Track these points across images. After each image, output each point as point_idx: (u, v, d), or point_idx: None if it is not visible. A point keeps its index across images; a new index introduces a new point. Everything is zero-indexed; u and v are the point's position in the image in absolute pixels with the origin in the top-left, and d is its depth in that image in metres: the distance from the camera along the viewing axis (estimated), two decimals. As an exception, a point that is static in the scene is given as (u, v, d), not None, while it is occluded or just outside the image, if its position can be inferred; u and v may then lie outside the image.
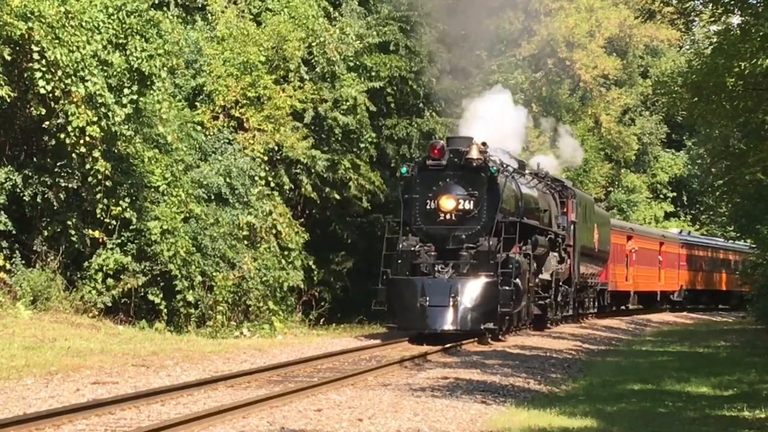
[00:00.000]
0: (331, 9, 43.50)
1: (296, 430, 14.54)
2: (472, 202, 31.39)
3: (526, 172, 39.53)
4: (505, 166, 33.75)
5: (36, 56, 26.01)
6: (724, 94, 23.98)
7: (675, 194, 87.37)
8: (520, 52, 74.80)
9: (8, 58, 25.82)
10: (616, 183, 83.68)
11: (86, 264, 27.92)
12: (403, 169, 33.50)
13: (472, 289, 30.06)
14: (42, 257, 28.18)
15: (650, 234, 64.21)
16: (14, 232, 27.40)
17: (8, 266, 26.69)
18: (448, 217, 31.51)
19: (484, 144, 32.60)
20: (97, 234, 27.01)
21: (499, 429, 15.42)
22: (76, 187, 27.97)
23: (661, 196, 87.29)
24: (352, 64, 40.74)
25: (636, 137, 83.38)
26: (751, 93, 22.97)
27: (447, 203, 31.11)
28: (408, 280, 30.61)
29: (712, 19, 25.81)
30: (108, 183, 26.80)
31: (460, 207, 31.17)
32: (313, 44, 39.14)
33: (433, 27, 47.55)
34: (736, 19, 24.51)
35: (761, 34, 21.77)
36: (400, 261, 31.25)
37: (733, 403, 18.78)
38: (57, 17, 25.97)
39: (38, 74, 26.27)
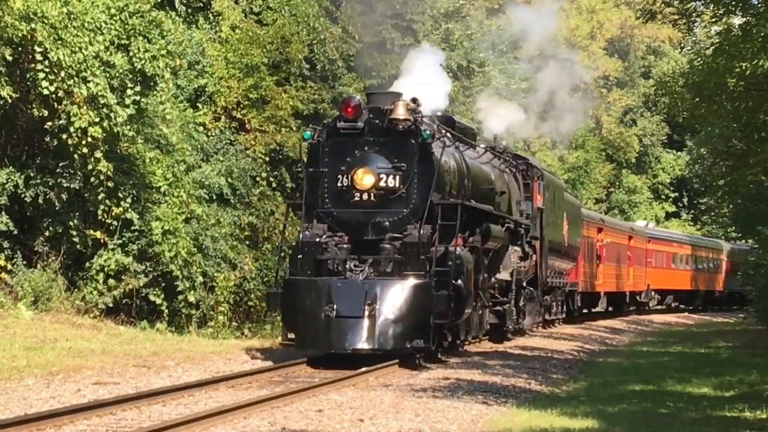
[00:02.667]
0: (333, 8, 43.14)
1: (297, 431, 14.45)
2: (398, 178, 22.81)
3: (479, 144, 31.33)
4: (443, 132, 25.13)
5: (39, 57, 26.11)
6: (725, 95, 24.12)
7: (676, 194, 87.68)
8: (521, 54, 74.19)
9: (10, 58, 25.74)
10: (617, 184, 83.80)
11: (87, 264, 28.05)
12: (306, 134, 24.68)
13: (395, 295, 21.78)
14: (43, 258, 28.42)
15: (620, 227, 58.12)
16: (15, 232, 27.52)
17: (9, 267, 26.89)
18: (365, 197, 22.83)
19: (414, 101, 23.83)
20: (98, 234, 27.05)
21: (501, 429, 15.44)
22: (77, 187, 28.09)
23: (663, 196, 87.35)
24: (352, 63, 40.15)
25: (637, 138, 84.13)
26: (752, 93, 23.05)
27: (364, 179, 22.44)
28: (309, 282, 22.41)
29: (713, 19, 25.96)
30: (110, 184, 26.92)
31: (382, 184, 22.59)
32: (314, 42, 38.92)
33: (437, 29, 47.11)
34: (737, 20, 24.51)
35: (762, 34, 21.89)
36: (300, 256, 23.16)
37: (735, 404, 18.84)
38: (59, 18, 26.05)
39: (41, 75, 26.36)
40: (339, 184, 22.84)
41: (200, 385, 19.56)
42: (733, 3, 23.88)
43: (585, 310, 48.78)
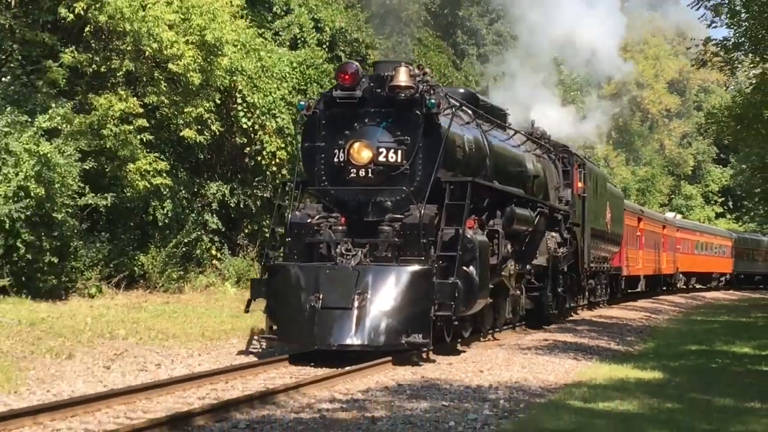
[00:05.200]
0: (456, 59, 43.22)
1: (434, 378, 14.43)
2: (400, 153, 16.76)
3: (512, 127, 23.94)
4: (452, 102, 18.71)
5: (239, 100, 27.10)
6: (761, 123, 23.73)
7: (723, 199, 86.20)
8: (602, 93, 74.98)
9: (218, 101, 26.14)
10: (677, 192, 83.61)
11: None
12: (300, 104, 18.56)
13: (389, 283, 15.57)
14: (243, 248, 29.55)
15: (655, 216, 50.78)
16: (223, 229, 28.20)
17: (219, 255, 27.89)
18: (362, 173, 16.77)
19: (420, 68, 18.09)
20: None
21: (588, 379, 15.25)
22: (269, 196, 28.50)
23: (712, 201, 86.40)
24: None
25: (692, 156, 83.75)
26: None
27: (361, 153, 16.58)
28: (293, 268, 16.40)
29: (752, 65, 25.37)
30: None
31: (381, 159, 16.63)
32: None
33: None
34: (771, 63, 24.06)
35: (790, 77, 21.43)
36: (289, 239, 17.37)
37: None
38: (255, 71, 26.99)
39: (241, 113, 27.40)
40: (335, 160, 16.80)
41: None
42: (767, 53, 23.40)
43: (628, 291, 42.48)
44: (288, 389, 12.88)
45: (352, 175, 16.77)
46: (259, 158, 28.97)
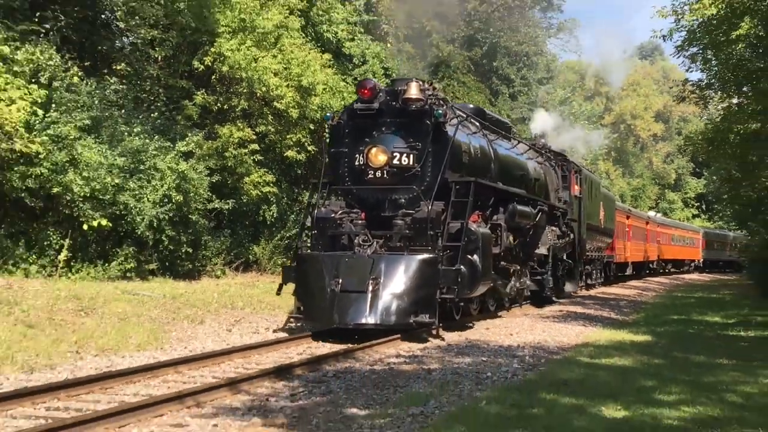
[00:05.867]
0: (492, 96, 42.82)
1: (475, 339, 14.41)
2: (412, 157, 15.59)
3: (516, 137, 22.45)
4: (457, 113, 16.96)
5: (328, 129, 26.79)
6: (727, 145, 23.41)
7: (698, 204, 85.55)
8: (605, 121, 75.67)
9: (312, 129, 26.24)
10: (662, 198, 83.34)
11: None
12: (327, 116, 17.58)
13: (400, 270, 14.29)
14: None
15: (640, 215, 48.36)
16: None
17: None
18: (378, 174, 15.66)
19: (431, 84, 16.79)
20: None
21: (593, 340, 15.21)
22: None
23: (690, 205, 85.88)
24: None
25: (674, 170, 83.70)
26: (744, 143, 22.32)
27: (378, 157, 15.53)
28: (318, 256, 15.13)
29: (720, 100, 25.14)
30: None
31: (395, 162, 15.51)
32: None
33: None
34: (735, 99, 23.80)
35: (750, 110, 21.22)
36: (315, 231, 16.16)
37: (734, 327, 18.43)
38: (339, 107, 26.54)
39: (329, 140, 26.72)
40: (357, 163, 15.57)
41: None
42: (732, 90, 23.15)
43: (618, 274, 41.04)
44: (364, 347, 12.84)
45: (370, 176, 15.37)
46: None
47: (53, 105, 18.51)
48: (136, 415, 8.16)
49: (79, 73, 20.25)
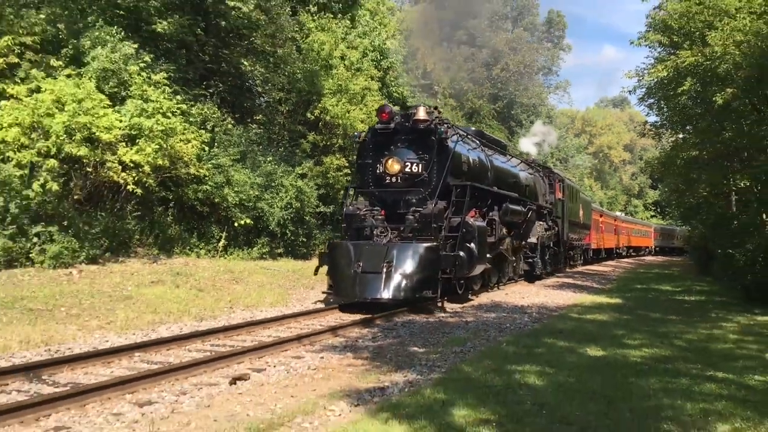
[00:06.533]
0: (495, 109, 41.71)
1: (498, 301, 14.35)
2: (421, 166, 14.24)
3: (510, 155, 20.83)
4: (457, 131, 15.50)
5: None
6: (675, 166, 22.91)
7: (654, 208, 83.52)
8: (588, 151, 74.17)
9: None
10: (629, 204, 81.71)
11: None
12: (355, 135, 16.12)
13: (409, 255, 12.95)
14: None
15: (610, 214, 45.61)
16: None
17: None
18: (394, 179, 14.29)
19: (436, 108, 15.39)
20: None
21: (581, 302, 14.98)
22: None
23: (648, 209, 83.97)
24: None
25: (637, 185, 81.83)
26: (687, 165, 21.83)
27: (393, 166, 14.23)
28: (344, 244, 13.57)
29: (670, 135, 24.76)
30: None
31: (407, 170, 14.13)
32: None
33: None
34: (681, 135, 23.34)
35: (691, 142, 20.88)
36: (344, 225, 14.72)
37: (680, 294, 17.83)
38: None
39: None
40: (378, 171, 14.10)
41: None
42: (679, 128, 22.80)
43: (594, 257, 39.18)
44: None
45: (387, 181, 13.87)
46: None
47: (215, 143, 18.91)
48: (269, 350, 8.28)
49: (232, 122, 20.66)
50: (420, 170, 13.87)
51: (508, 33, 60.50)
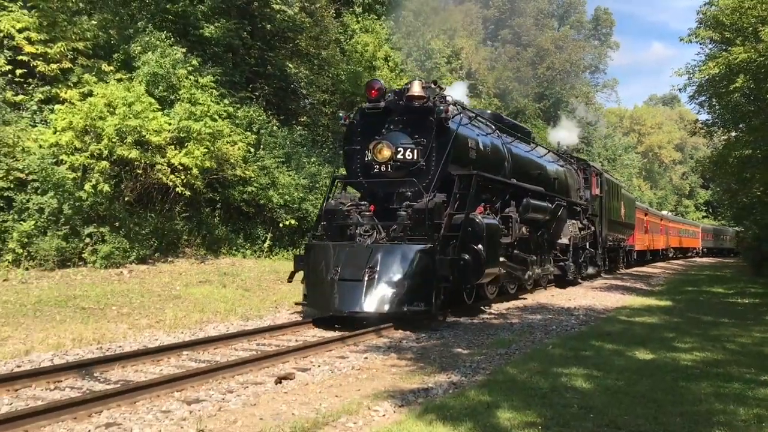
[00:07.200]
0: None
1: (544, 303, 14.14)
2: (416, 152, 11.38)
3: (535, 142, 17.51)
4: (461, 110, 12.39)
5: None
6: (727, 165, 22.42)
7: (706, 208, 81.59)
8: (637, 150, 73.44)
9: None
10: (679, 204, 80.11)
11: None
12: (340, 115, 12.93)
13: (396, 259, 10.21)
14: None
15: (656, 213, 42.55)
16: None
17: None
18: (383, 168, 11.51)
19: (435, 83, 12.48)
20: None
21: (629, 304, 14.71)
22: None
23: (701, 209, 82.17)
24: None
25: (688, 184, 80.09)
26: (740, 164, 21.35)
27: (381, 152, 11.43)
28: (322, 245, 10.95)
29: (722, 134, 24.27)
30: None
31: (399, 157, 11.36)
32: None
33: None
34: (733, 133, 22.86)
35: (744, 140, 20.40)
36: (324, 222, 11.75)
37: (733, 296, 17.46)
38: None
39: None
40: (366, 159, 11.52)
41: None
42: (731, 127, 22.36)
43: (639, 260, 35.75)
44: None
45: (376, 170, 11.49)
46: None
47: (261, 145, 19.13)
48: (314, 350, 8.31)
49: (277, 124, 20.86)
50: (416, 157, 11.40)
51: (554, 31, 59.79)
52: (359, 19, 25.96)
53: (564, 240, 17.43)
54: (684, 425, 5.41)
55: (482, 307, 12.74)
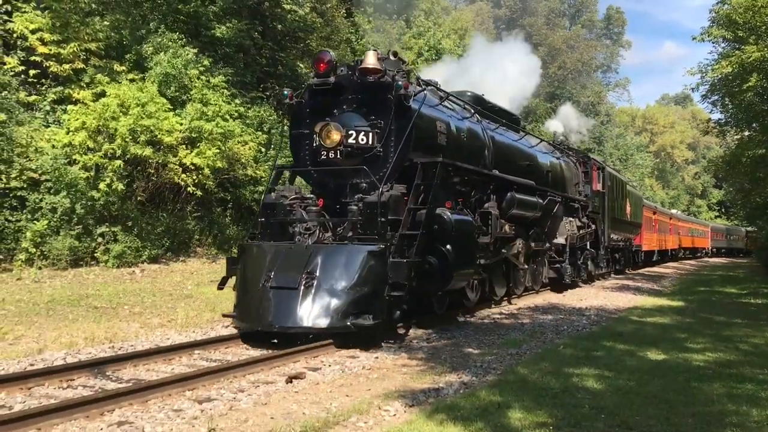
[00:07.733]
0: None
1: (556, 303, 14.16)
2: (371, 135, 9.22)
3: (527, 132, 15.84)
4: (447, 96, 10.98)
5: None
6: (740, 165, 22.36)
7: (719, 207, 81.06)
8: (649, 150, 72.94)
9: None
10: (692, 204, 79.66)
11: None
12: (284, 93, 10.09)
13: (339, 263, 8.06)
14: None
15: (664, 211, 40.19)
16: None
17: None
18: (331, 155, 9.28)
19: (395, 54, 9.99)
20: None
21: (640, 304, 14.66)
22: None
23: (714, 209, 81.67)
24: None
25: (701, 184, 79.68)
26: (753, 164, 21.26)
27: (330, 135, 9.15)
28: (255, 247, 8.75)
29: (735, 133, 24.23)
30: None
31: (351, 141, 9.16)
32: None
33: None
34: (746, 132, 22.77)
35: (757, 140, 20.31)
36: (262, 219, 9.56)
37: (746, 297, 17.42)
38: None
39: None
40: (315, 144, 9.71)
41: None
42: (744, 126, 22.29)
43: (646, 260, 32.43)
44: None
45: (323, 156, 9.55)
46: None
47: (271, 145, 19.19)
48: (324, 349, 8.22)
49: (287, 124, 20.88)
50: (371, 141, 9.52)
51: (566, 30, 59.63)
52: (370, 19, 25.99)
53: (560, 239, 15.82)
54: (696, 426, 5.38)
55: (458, 318, 11.13)
